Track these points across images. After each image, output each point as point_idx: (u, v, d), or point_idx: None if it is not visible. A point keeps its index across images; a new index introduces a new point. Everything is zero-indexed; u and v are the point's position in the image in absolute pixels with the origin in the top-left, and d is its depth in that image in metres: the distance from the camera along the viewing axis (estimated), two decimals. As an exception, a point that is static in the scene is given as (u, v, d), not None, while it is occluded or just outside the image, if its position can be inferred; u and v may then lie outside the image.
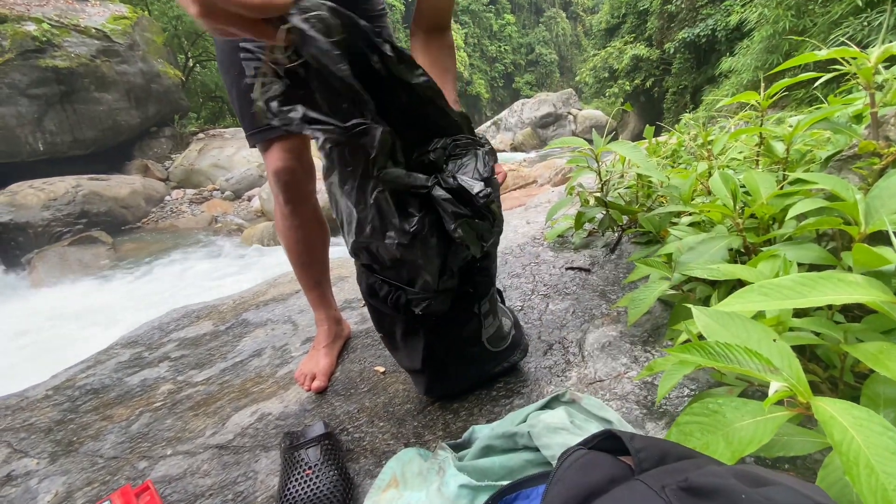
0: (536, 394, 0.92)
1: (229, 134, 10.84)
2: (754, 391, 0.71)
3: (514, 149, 18.65)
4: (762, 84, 1.14)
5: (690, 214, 1.17)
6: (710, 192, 1.25)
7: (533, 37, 38.85)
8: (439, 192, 0.62)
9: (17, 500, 0.92)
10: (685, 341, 0.67)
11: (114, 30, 9.35)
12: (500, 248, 1.69)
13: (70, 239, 6.50)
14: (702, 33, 13.51)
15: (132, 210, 8.04)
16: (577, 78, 21.81)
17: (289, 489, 0.74)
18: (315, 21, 0.49)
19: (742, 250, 0.91)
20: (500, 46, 36.73)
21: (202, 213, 8.35)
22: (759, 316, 0.62)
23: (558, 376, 0.95)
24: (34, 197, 6.97)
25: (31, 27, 8.17)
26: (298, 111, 0.53)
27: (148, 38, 10.21)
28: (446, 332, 0.85)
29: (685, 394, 0.81)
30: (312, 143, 1.12)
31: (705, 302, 0.91)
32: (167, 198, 8.91)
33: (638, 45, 16.97)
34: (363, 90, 0.54)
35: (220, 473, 0.89)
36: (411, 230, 0.63)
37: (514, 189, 5.52)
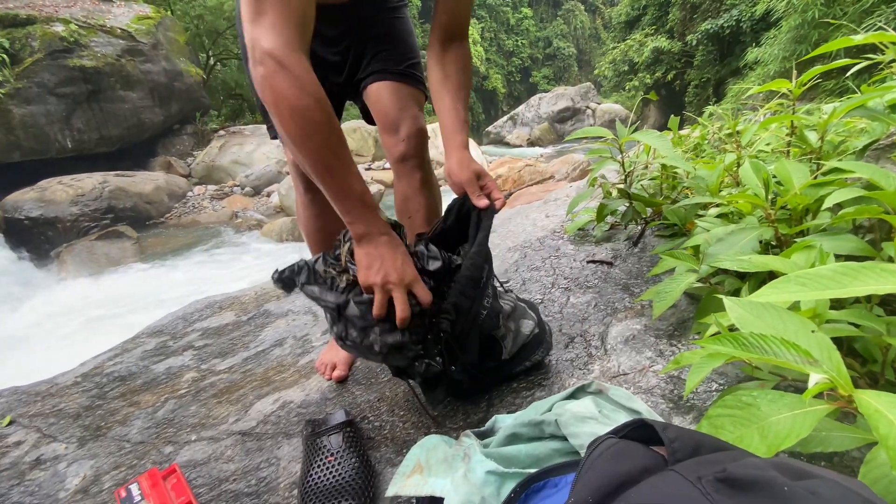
0: (558, 386, 0.90)
1: (249, 131, 11.00)
2: (787, 386, 0.68)
3: (532, 144, 18.51)
4: (793, 72, 1.10)
5: (718, 206, 1.14)
6: (738, 184, 1.21)
7: (551, 30, 38.31)
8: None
9: (45, 484, 0.94)
10: (714, 334, 0.65)
11: (138, 30, 9.55)
12: (518, 242, 1.68)
13: (97, 233, 6.70)
14: (726, 24, 13.18)
15: (156, 206, 8.23)
16: (596, 71, 21.49)
17: (311, 475, 0.75)
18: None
19: (773, 242, 0.88)
20: (517, 40, 36.33)
21: (223, 209, 8.50)
22: (793, 308, 0.59)
23: (580, 369, 0.94)
24: (63, 193, 7.19)
25: (59, 28, 8.40)
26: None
27: (171, 38, 10.39)
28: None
29: (713, 388, 0.79)
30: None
31: (734, 295, 0.88)
32: (189, 194, 9.09)
33: (659, 37, 16.63)
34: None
35: (244, 459, 0.90)
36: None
37: (532, 184, 5.47)
